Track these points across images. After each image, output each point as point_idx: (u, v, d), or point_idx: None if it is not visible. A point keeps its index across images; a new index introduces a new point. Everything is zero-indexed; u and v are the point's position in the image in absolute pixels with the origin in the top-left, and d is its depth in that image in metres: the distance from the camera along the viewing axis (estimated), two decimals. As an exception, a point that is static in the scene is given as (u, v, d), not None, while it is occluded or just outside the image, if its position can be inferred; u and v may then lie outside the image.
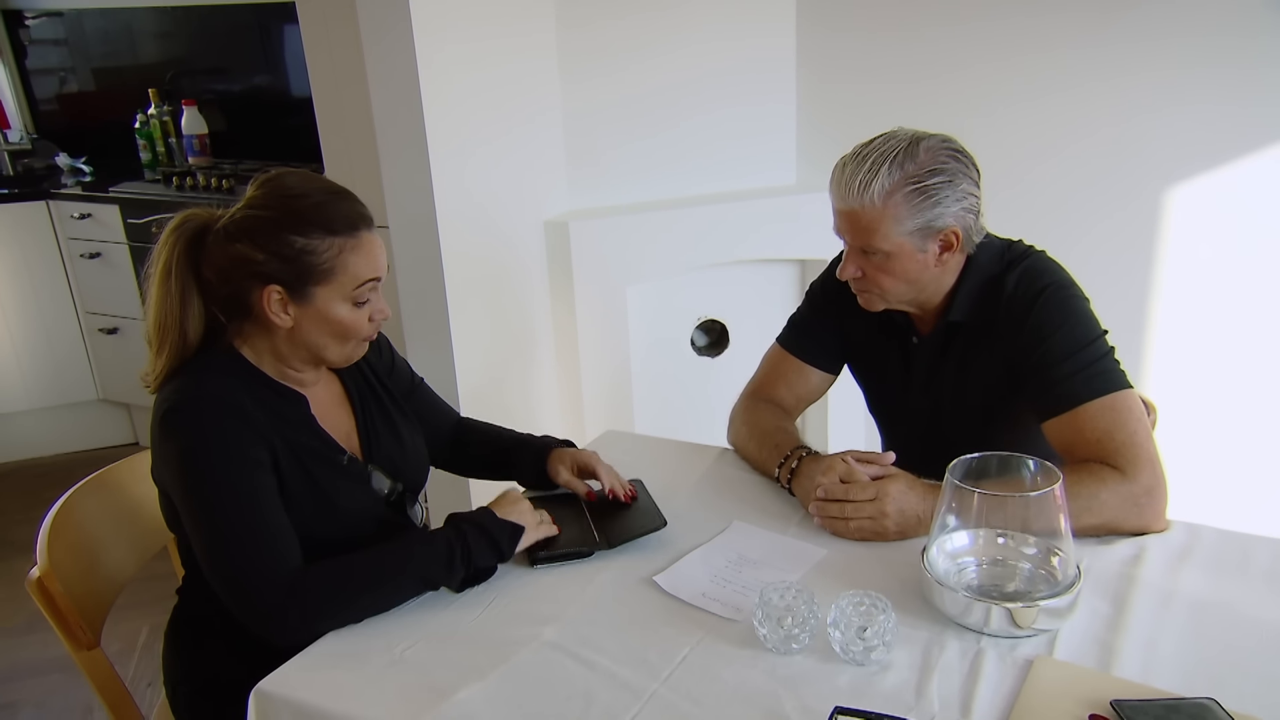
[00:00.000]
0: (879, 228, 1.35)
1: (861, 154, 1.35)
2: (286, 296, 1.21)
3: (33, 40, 4.01)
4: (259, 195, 1.22)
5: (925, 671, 1.05)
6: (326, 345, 1.25)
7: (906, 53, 2.48)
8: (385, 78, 2.07)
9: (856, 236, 1.39)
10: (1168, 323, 2.42)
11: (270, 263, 1.19)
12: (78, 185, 3.53)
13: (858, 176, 1.34)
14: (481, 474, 1.58)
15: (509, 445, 1.53)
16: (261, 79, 3.67)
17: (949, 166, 1.34)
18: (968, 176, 1.36)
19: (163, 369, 1.23)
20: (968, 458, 1.15)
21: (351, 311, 1.24)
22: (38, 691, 2.31)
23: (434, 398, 1.55)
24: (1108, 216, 2.39)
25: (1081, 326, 1.35)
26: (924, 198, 1.33)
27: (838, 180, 1.37)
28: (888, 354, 1.57)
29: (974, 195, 1.37)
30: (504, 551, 1.24)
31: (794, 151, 2.65)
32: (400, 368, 1.50)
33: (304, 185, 1.22)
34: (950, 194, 1.34)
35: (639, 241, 2.45)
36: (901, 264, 1.38)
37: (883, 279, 1.41)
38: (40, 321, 3.52)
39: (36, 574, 1.27)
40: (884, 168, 1.32)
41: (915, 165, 1.33)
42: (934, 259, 1.39)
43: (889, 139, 1.36)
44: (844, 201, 1.37)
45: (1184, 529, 1.30)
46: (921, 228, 1.35)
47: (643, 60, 2.43)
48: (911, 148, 1.34)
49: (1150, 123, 2.28)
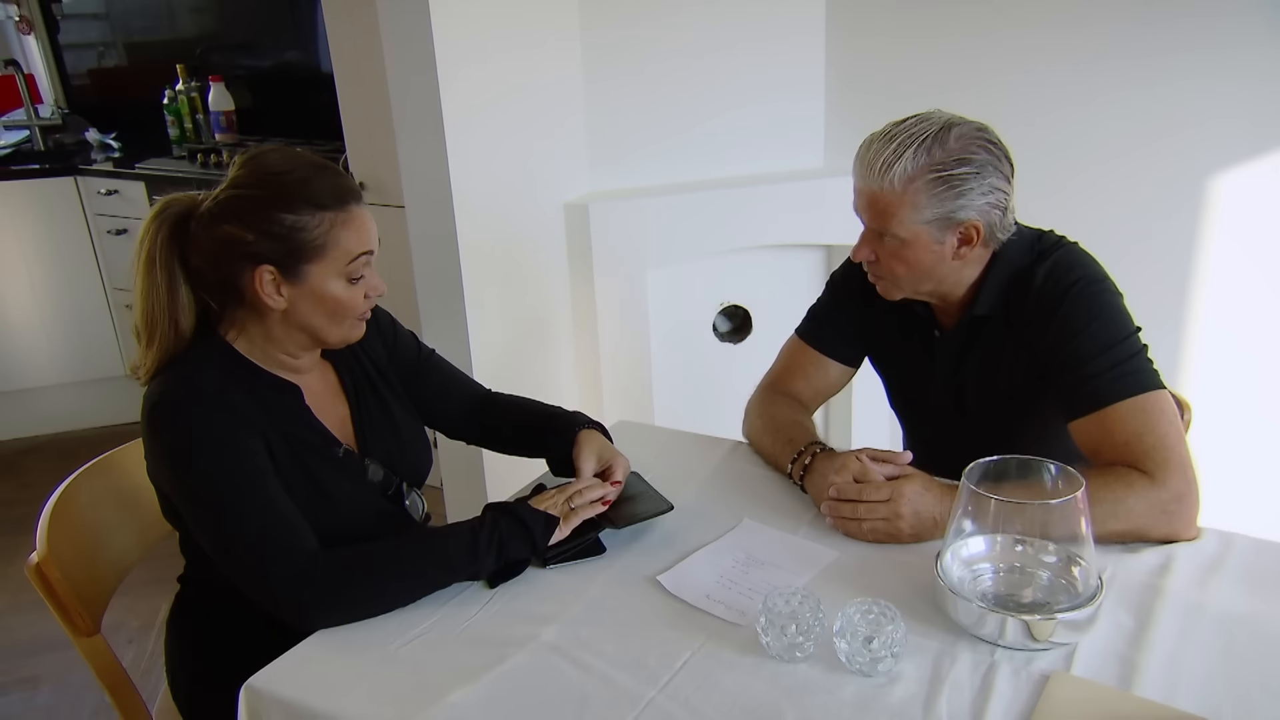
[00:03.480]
0: (896, 213, 1.29)
1: (890, 133, 1.29)
2: (279, 276, 1.17)
3: (65, 15, 4.03)
4: (242, 174, 1.18)
5: (935, 685, 1.00)
6: (323, 325, 1.22)
7: (937, 34, 2.39)
8: (401, 54, 2.04)
9: (873, 218, 1.33)
10: (1205, 319, 2.33)
11: (260, 242, 1.15)
12: (107, 161, 3.55)
13: (881, 156, 1.28)
14: (510, 449, 1.52)
15: (540, 421, 1.48)
16: (291, 55, 3.65)
17: (979, 158, 1.28)
18: (998, 170, 1.29)
19: (153, 362, 1.20)
20: (985, 461, 1.10)
21: (346, 288, 1.21)
22: (59, 667, 2.34)
23: (448, 369, 1.51)
24: (1145, 209, 2.30)
25: (1113, 323, 1.29)
26: (947, 188, 1.27)
27: (861, 157, 1.32)
28: (909, 347, 1.52)
29: (1002, 190, 1.30)
30: (537, 542, 1.21)
31: (822, 133, 2.59)
32: (404, 340, 1.46)
33: (287, 162, 1.19)
34: (976, 186, 1.28)
35: (661, 225, 2.40)
36: (916, 253, 1.32)
37: (895, 265, 1.35)
38: (68, 297, 3.55)
39: (35, 559, 1.26)
40: (910, 151, 1.26)
41: (943, 152, 1.27)
42: (951, 251, 1.33)
43: (921, 120, 1.29)
44: (864, 180, 1.32)
45: (1216, 537, 1.23)
46: (941, 218, 1.29)
47: (667, 39, 2.37)
48: (943, 133, 1.27)
49: (1191, 114, 2.18)
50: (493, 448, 1.55)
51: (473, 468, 2.32)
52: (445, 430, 1.52)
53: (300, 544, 1.14)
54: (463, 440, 1.54)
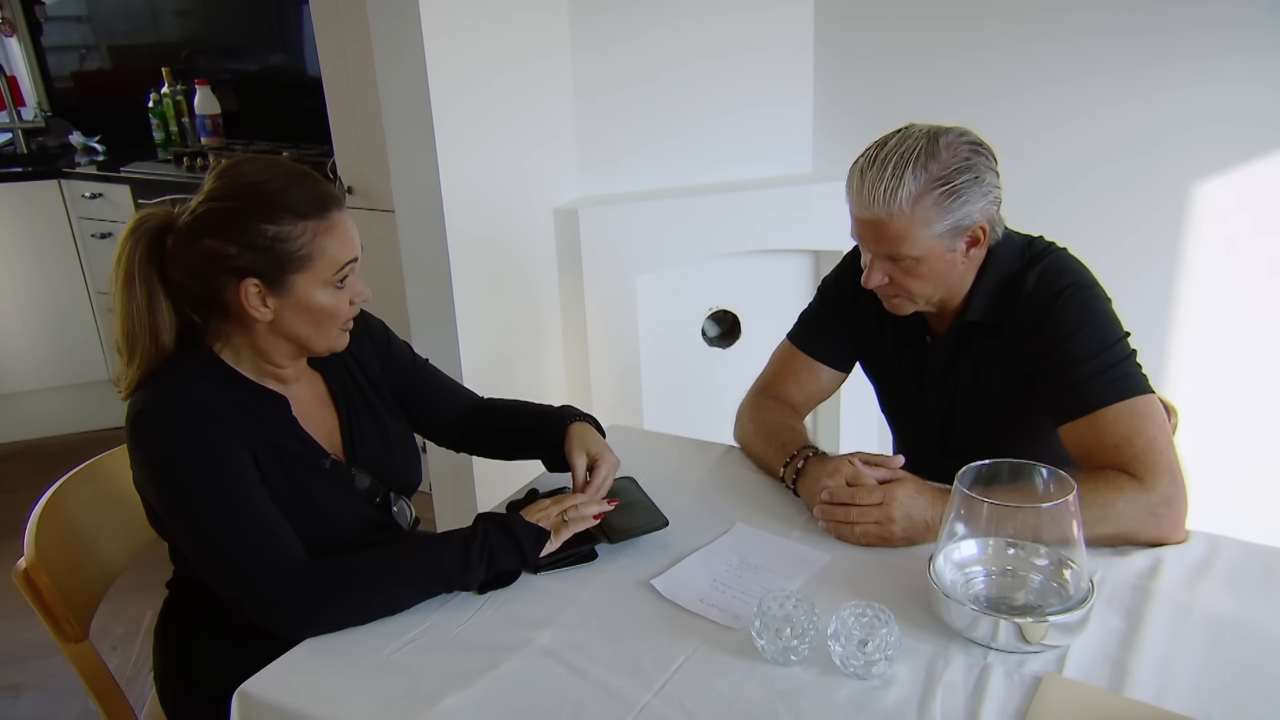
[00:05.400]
0: (908, 234, 1.29)
1: (880, 158, 1.28)
2: (264, 289, 1.16)
3: (48, 17, 4.00)
4: (219, 186, 1.16)
5: (928, 687, 1.01)
6: (309, 335, 1.21)
7: (925, 40, 2.41)
8: (391, 58, 2.03)
9: (882, 245, 1.32)
10: (1192, 323, 2.35)
11: (244, 255, 1.14)
12: (91, 164, 3.51)
13: (881, 184, 1.27)
14: (506, 454, 1.51)
15: (531, 420, 1.46)
16: (277, 58, 3.63)
17: (972, 161, 1.28)
18: (990, 169, 1.31)
19: (135, 377, 1.18)
20: (977, 465, 1.11)
21: (332, 296, 1.20)
22: (41, 674, 2.31)
23: (442, 378, 1.50)
24: (1130, 211, 2.32)
25: (1103, 328, 1.30)
26: (953, 198, 1.27)
27: (858, 190, 1.31)
28: (901, 353, 1.53)
29: (996, 186, 1.32)
30: (527, 555, 1.20)
31: (810, 139, 2.59)
32: (398, 349, 1.45)
33: (264, 171, 1.16)
34: (976, 189, 1.28)
35: (650, 230, 2.40)
36: (931, 266, 1.33)
37: (912, 283, 1.35)
38: (51, 301, 3.51)
39: (23, 565, 1.25)
40: (908, 171, 1.26)
41: (939, 165, 1.27)
42: (961, 255, 1.34)
43: (905, 138, 1.29)
44: (868, 211, 1.30)
45: (1204, 540, 1.24)
46: (951, 228, 1.30)
47: (657, 45, 2.37)
48: (931, 146, 1.27)
49: (1176, 116, 2.20)
50: (486, 454, 1.53)
51: (462, 473, 2.31)
52: (439, 440, 1.51)
53: (290, 553, 1.13)
54: (456, 449, 1.53)
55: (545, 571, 1.24)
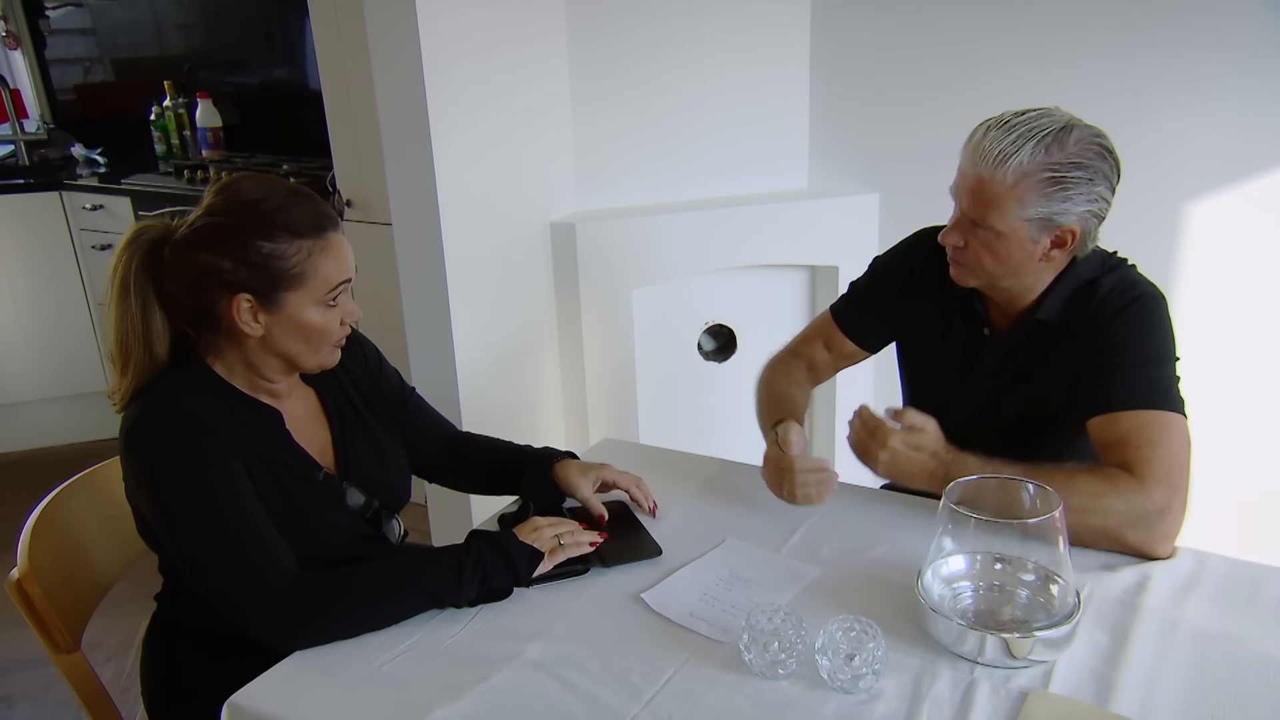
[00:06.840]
0: (1000, 205, 1.28)
1: (1010, 123, 1.28)
2: (257, 304, 1.17)
3: (52, 30, 4.02)
4: (218, 202, 1.17)
5: (915, 702, 1.01)
6: (299, 352, 1.22)
7: (920, 60, 2.42)
8: (389, 73, 2.05)
9: (974, 206, 1.31)
10: (1183, 342, 2.35)
11: (238, 270, 1.15)
12: (92, 176, 3.53)
13: (998, 145, 1.26)
14: (483, 489, 1.54)
15: (512, 458, 1.49)
16: (279, 72, 3.66)
17: (1093, 164, 1.27)
18: (1107, 180, 1.29)
19: (129, 388, 1.19)
20: (964, 480, 1.12)
21: (323, 315, 1.21)
22: (33, 686, 2.31)
23: (426, 408, 1.52)
24: (1125, 232, 2.31)
25: (1161, 342, 1.31)
26: (1058, 189, 1.26)
27: (975, 144, 1.30)
28: (951, 340, 1.52)
29: (1105, 200, 1.30)
30: (520, 575, 1.21)
31: (806, 155, 2.61)
32: (389, 376, 1.46)
33: (263, 189, 1.18)
34: (1084, 192, 1.27)
35: (647, 244, 2.41)
36: (1009, 248, 1.32)
37: (984, 256, 1.34)
38: (51, 312, 3.52)
39: (16, 575, 1.25)
40: (1029, 145, 1.25)
41: (1062, 153, 1.26)
42: (1043, 252, 1.33)
43: (1042, 115, 1.28)
44: (975, 166, 1.29)
45: (1191, 557, 1.25)
46: (1044, 218, 1.28)
47: (654, 62, 2.39)
48: (1063, 133, 1.26)
49: (1169, 134, 2.22)
50: (463, 489, 1.57)
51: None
52: (418, 470, 1.52)
53: (281, 566, 1.14)
54: (435, 481, 1.55)
55: (536, 585, 1.25)
